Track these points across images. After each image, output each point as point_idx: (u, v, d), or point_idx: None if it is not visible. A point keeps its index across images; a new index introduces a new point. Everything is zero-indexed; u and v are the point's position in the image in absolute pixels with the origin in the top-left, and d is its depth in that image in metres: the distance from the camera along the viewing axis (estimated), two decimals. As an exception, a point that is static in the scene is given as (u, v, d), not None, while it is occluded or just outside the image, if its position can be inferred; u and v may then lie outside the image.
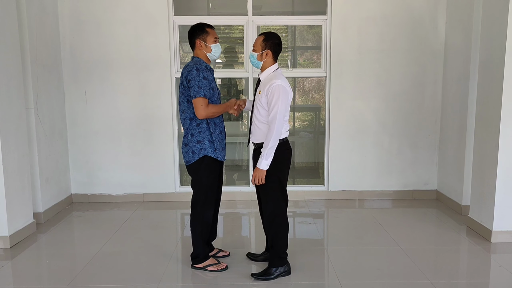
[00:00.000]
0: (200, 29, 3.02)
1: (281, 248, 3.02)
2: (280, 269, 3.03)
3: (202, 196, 3.07)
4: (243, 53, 5.10)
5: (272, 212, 2.99)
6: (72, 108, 4.80)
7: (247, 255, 3.40)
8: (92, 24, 4.69)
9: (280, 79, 2.85)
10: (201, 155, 2.98)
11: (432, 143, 4.94)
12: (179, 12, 4.81)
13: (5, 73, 3.58)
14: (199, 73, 2.88)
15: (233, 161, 6.78)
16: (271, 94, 2.81)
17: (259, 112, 2.93)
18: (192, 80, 2.88)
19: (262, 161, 2.85)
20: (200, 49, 3.01)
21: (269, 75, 2.93)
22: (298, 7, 5.46)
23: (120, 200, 4.94)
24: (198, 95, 2.87)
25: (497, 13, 3.56)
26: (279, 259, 3.04)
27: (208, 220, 3.13)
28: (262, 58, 2.93)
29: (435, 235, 3.98)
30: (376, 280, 3.03)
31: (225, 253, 3.42)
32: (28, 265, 3.35)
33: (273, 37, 2.95)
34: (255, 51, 2.95)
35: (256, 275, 3.04)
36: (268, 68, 2.95)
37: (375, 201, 4.94)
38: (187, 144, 3.01)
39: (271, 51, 2.92)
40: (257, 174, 2.89)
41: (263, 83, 2.94)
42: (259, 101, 2.90)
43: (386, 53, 4.79)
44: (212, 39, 3.02)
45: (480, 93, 3.85)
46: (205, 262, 3.16)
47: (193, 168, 3.04)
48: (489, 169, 3.68)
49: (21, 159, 3.82)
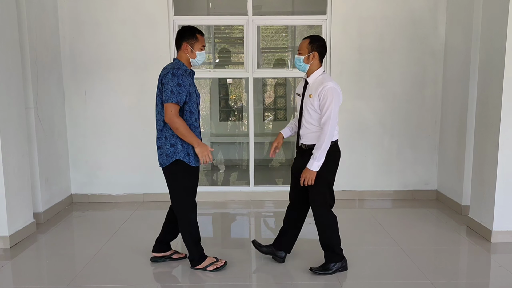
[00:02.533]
0: (191, 33, 3.00)
1: (334, 245, 3.09)
2: (338, 265, 3.10)
3: (181, 200, 3.05)
4: (243, 53, 5.10)
5: (319, 212, 3.05)
6: (72, 108, 4.80)
7: (252, 242, 3.42)
8: (92, 24, 4.68)
9: (331, 81, 2.91)
10: (174, 159, 2.95)
11: (432, 143, 4.94)
12: (179, 12, 4.81)
13: (5, 73, 3.58)
14: (173, 78, 2.85)
15: (233, 161, 6.79)
16: (324, 97, 2.86)
17: (310, 115, 2.96)
18: (165, 84, 2.85)
19: (313, 163, 2.89)
20: (185, 52, 2.99)
21: (318, 78, 2.98)
22: (298, 7, 5.46)
23: (120, 200, 4.93)
24: (170, 100, 2.83)
25: (497, 13, 3.56)
26: (336, 255, 3.10)
27: (194, 221, 3.11)
28: (309, 60, 2.97)
29: (435, 235, 3.98)
30: (376, 280, 3.03)
31: (181, 255, 3.38)
32: (28, 265, 3.35)
33: (319, 40, 3.00)
34: (301, 54, 2.99)
35: (314, 269, 3.10)
36: (315, 71, 2.99)
37: (375, 201, 4.93)
38: (161, 147, 2.98)
39: (318, 53, 2.97)
40: (307, 175, 2.92)
41: (312, 86, 2.98)
42: (311, 104, 2.94)
43: (386, 53, 4.79)
44: (200, 46, 3.01)
45: (480, 93, 3.85)
46: (203, 263, 3.16)
47: (168, 171, 3.01)
48: (489, 169, 3.68)
49: (21, 159, 3.82)
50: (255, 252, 3.53)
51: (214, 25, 6.34)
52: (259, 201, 4.93)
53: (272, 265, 3.26)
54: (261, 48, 6.51)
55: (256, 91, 5.73)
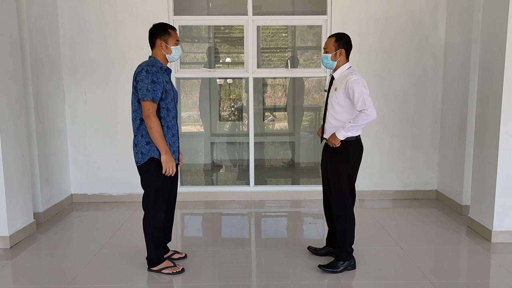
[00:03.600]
0: (163, 29, 2.98)
1: (348, 242, 3.09)
2: (346, 263, 3.10)
3: (152, 198, 3.03)
4: (243, 53, 5.10)
5: (340, 209, 3.06)
6: (72, 107, 4.80)
7: (308, 248, 3.44)
8: (92, 24, 4.68)
9: (356, 74, 2.94)
10: (149, 156, 2.94)
11: (432, 143, 4.94)
12: (179, 12, 4.81)
13: (5, 73, 3.58)
14: (148, 75, 2.83)
15: (233, 161, 6.79)
16: (351, 88, 2.89)
17: (335, 109, 3.01)
18: (140, 82, 2.84)
19: (341, 131, 2.94)
20: (159, 49, 2.98)
21: (343, 72, 3.02)
22: (298, 7, 5.46)
23: (120, 200, 4.94)
24: (146, 98, 2.82)
25: (497, 13, 3.56)
26: (346, 253, 3.10)
27: (159, 223, 3.08)
28: (336, 58, 3.02)
29: (435, 235, 3.98)
30: (376, 280, 3.03)
31: (181, 255, 3.37)
32: (28, 265, 3.35)
33: (344, 37, 3.05)
34: (328, 52, 3.03)
35: (323, 267, 3.11)
36: (341, 66, 3.04)
37: (375, 201, 4.93)
38: (137, 145, 2.97)
39: (344, 49, 3.02)
40: (331, 140, 2.99)
41: (337, 80, 3.02)
42: (336, 98, 2.98)
43: (386, 53, 4.79)
44: (174, 41, 2.99)
45: (480, 93, 3.85)
46: (159, 265, 3.13)
47: (143, 169, 3.00)
48: (489, 169, 3.68)
49: (21, 159, 3.82)
50: (255, 252, 3.54)
51: (214, 25, 6.34)
52: (259, 201, 4.93)
53: (272, 265, 3.26)
54: (261, 48, 6.52)
55: (256, 91, 5.73)
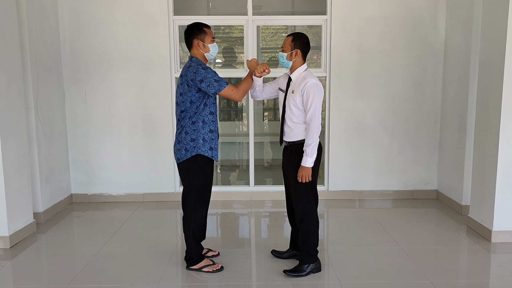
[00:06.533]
0: (198, 28, 3.00)
1: (311, 245, 3.07)
2: (311, 266, 3.08)
3: (194, 197, 3.04)
4: (243, 53, 5.10)
5: (302, 210, 3.03)
6: (72, 108, 4.80)
7: (271, 252, 3.42)
8: (92, 24, 4.69)
9: (313, 78, 2.94)
10: (194, 153, 2.95)
11: (432, 143, 4.94)
12: (179, 12, 4.81)
13: (5, 73, 3.58)
14: (206, 70, 2.90)
15: (232, 161, 6.78)
16: (307, 93, 2.88)
17: (292, 111, 2.98)
18: (204, 80, 2.87)
19: (307, 159, 2.90)
20: (197, 49, 3.00)
21: (300, 74, 3.00)
22: (298, 7, 5.45)
23: (120, 200, 4.94)
24: (222, 87, 2.90)
25: (497, 13, 3.56)
26: (310, 256, 3.08)
27: (201, 221, 3.11)
28: (292, 58, 3.00)
29: (435, 235, 3.98)
30: (376, 280, 3.03)
31: (214, 252, 3.39)
32: (28, 265, 3.35)
33: (302, 37, 3.03)
34: (284, 51, 3.01)
35: (288, 272, 3.08)
36: (298, 67, 3.02)
37: (375, 201, 4.94)
38: (180, 142, 2.98)
39: (301, 50, 2.99)
40: (303, 173, 2.93)
41: (294, 82, 3.00)
42: (293, 100, 2.96)
43: (386, 53, 4.79)
44: (210, 39, 3.01)
45: (480, 93, 3.85)
46: (200, 263, 3.15)
47: (185, 167, 3.00)
48: (489, 169, 3.68)
49: (21, 159, 3.82)
50: (255, 252, 3.54)
51: (214, 25, 6.34)
52: (259, 201, 4.93)
53: (272, 265, 3.26)
54: (261, 48, 6.51)
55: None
